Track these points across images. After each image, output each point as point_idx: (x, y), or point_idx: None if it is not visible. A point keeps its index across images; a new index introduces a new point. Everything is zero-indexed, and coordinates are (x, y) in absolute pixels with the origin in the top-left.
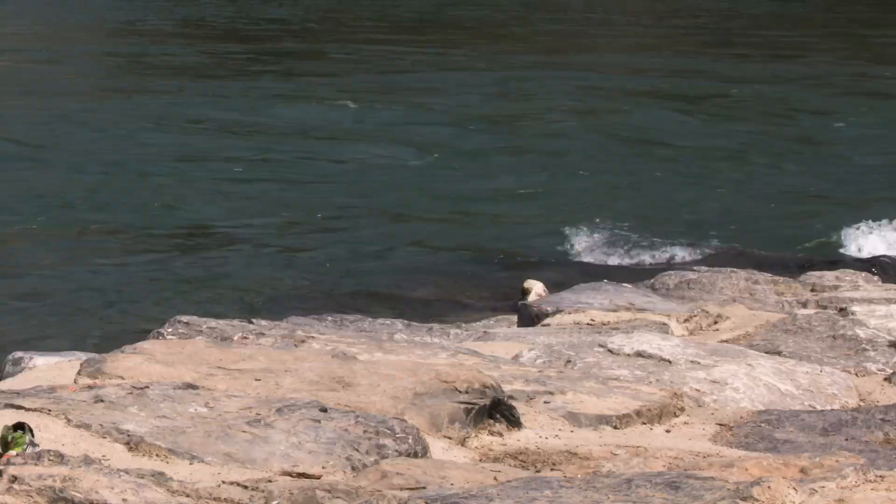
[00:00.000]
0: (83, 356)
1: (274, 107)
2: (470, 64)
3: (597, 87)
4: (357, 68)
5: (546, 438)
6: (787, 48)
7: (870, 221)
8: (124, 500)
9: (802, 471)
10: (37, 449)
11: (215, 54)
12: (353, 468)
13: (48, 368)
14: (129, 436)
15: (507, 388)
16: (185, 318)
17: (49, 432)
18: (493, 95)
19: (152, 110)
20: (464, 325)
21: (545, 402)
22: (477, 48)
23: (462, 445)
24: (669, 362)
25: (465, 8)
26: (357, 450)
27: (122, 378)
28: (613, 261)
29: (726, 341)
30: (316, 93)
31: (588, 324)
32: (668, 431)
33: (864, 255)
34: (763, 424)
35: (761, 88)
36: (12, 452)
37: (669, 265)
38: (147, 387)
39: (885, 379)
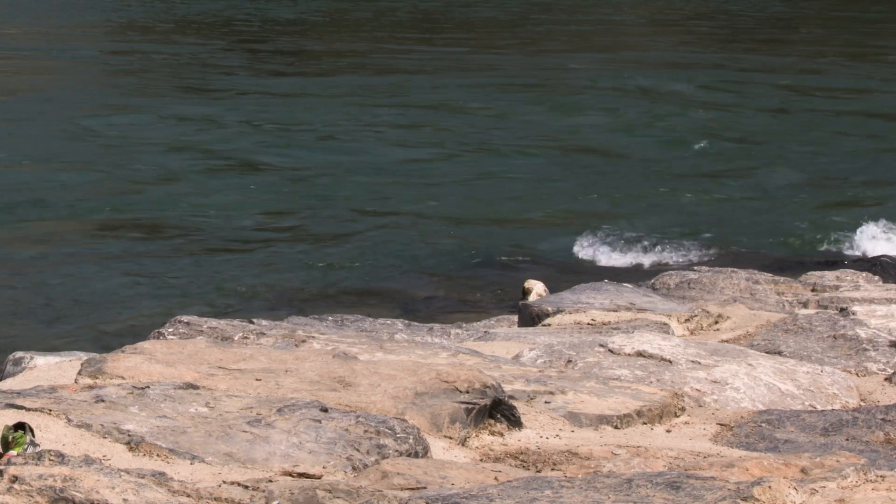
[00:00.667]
0: (83, 356)
1: (274, 107)
2: (471, 64)
3: (598, 89)
4: (360, 67)
5: (547, 438)
6: (791, 46)
7: (871, 222)
8: (125, 500)
9: (803, 471)
10: (37, 449)
11: (217, 53)
12: (354, 468)
13: (48, 368)
14: (129, 436)
15: (507, 388)
16: (185, 318)
17: (49, 432)
18: (494, 96)
19: (153, 110)
20: (464, 325)
21: (546, 402)
22: (480, 49)
23: (463, 445)
24: (670, 362)
25: (474, 8)
26: (357, 450)
27: (123, 378)
28: (614, 261)
29: (727, 341)
30: (318, 93)
31: (589, 324)
32: (668, 431)
33: (865, 255)
34: (764, 424)
35: (761, 89)
36: (13, 452)
37: (670, 265)
38: (148, 387)
39: (886, 379)
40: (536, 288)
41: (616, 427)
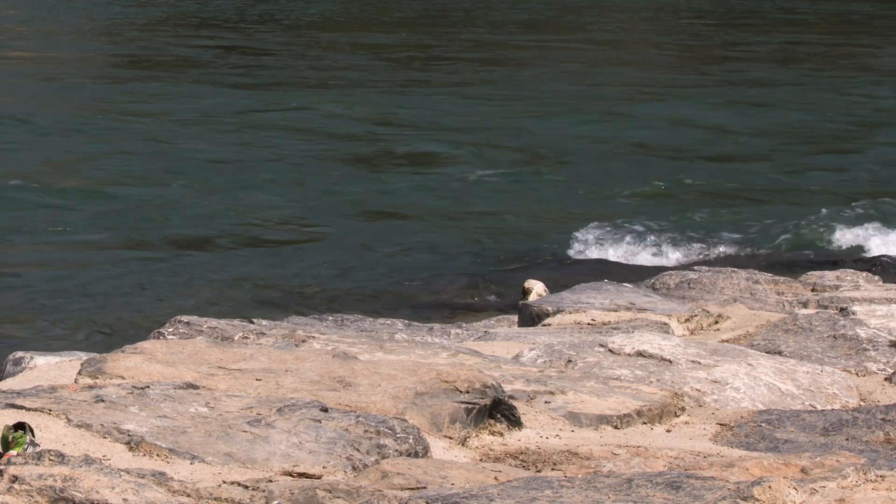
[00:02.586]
0: (83, 356)
1: (273, 105)
2: (469, 64)
3: (599, 88)
4: (361, 66)
5: (547, 438)
6: (792, 46)
7: (871, 222)
8: (125, 500)
9: (803, 471)
10: (37, 449)
11: (208, 50)
12: (354, 468)
13: (48, 368)
14: (129, 436)
15: (507, 387)
16: (185, 318)
17: (49, 432)
18: (495, 96)
19: (151, 109)
20: (464, 324)
21: (546, 402)
22: (481, 50)
23: (462, 445)
24: (670, 362)
25: (484, 7)
26: (357, 450)
27: (123, 378)
28: (614, 260)
29: (727, 341)
30: (314, 92)
31: (589, 323)
32: (668, 431)
33: (865, 255)
34: (764, 424)
35: (761, 89)
36: (13, 452)
37: (670, 265)
38: (148, 387)
39: (886, 379)
40: (536, 288)
41: (616, 427)
